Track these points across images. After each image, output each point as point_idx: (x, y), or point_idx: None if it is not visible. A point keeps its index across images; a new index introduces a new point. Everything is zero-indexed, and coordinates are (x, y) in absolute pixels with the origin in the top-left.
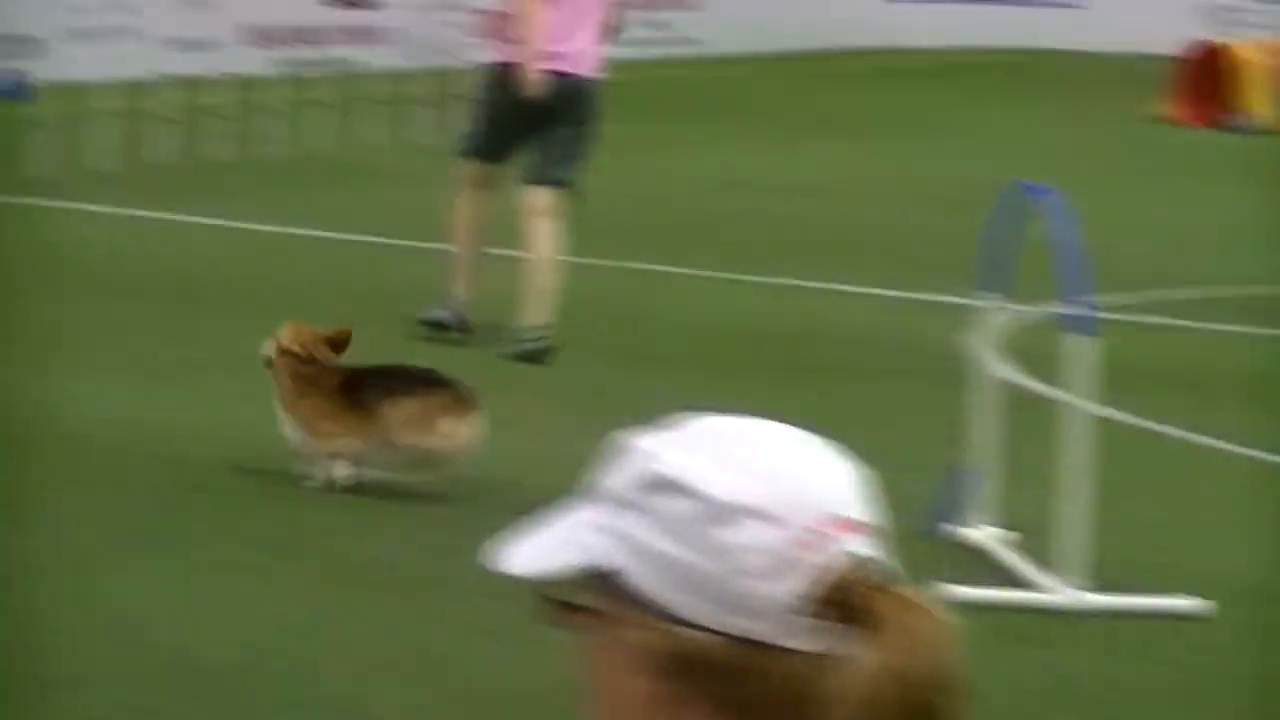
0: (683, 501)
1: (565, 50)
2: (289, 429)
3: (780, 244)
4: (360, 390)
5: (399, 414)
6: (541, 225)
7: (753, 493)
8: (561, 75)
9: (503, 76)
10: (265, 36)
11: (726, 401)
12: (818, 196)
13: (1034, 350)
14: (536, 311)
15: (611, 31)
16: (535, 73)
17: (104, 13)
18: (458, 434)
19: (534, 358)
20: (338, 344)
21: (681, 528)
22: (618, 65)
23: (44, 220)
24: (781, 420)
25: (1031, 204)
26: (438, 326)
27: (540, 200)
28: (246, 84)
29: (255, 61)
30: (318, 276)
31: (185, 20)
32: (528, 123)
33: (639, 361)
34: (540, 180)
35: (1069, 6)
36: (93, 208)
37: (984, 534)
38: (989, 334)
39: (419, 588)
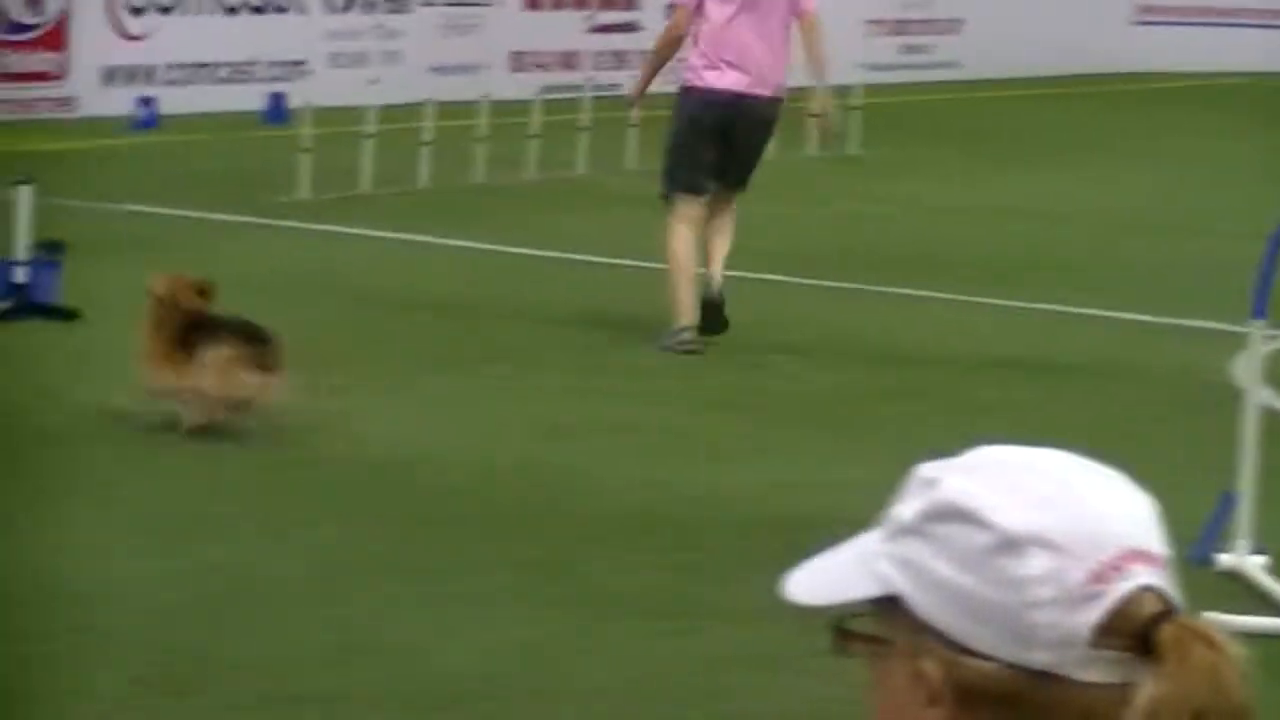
0: (973, 532)
1: (751, 73)
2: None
3: (1036, 269)
4: (194, 336)
5: (209, 361)
6: (725, 222)
7: (1044, 524)
8: (743, 97)
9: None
10: (528, 61)
11: (985, 428)
12: (1072, 221)
13: None
14: (718, 273)
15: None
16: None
17: (366, 37)
18: (254, 386)
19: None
20: (204, 291)
21: (971, 558)
22: (874, 89)
23: (303, 242)
24: (1048, 446)
25: None
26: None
27: (724, 203)
28: (507, 108)
29: (517, 86)
30: (575, 300)
31: (448, 46)
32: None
33: (892, 388)
34: (730, 187)
35: None
36: (351, 230)
37: (1251, 561)
38: (1256, 360)
39: (676, 613)
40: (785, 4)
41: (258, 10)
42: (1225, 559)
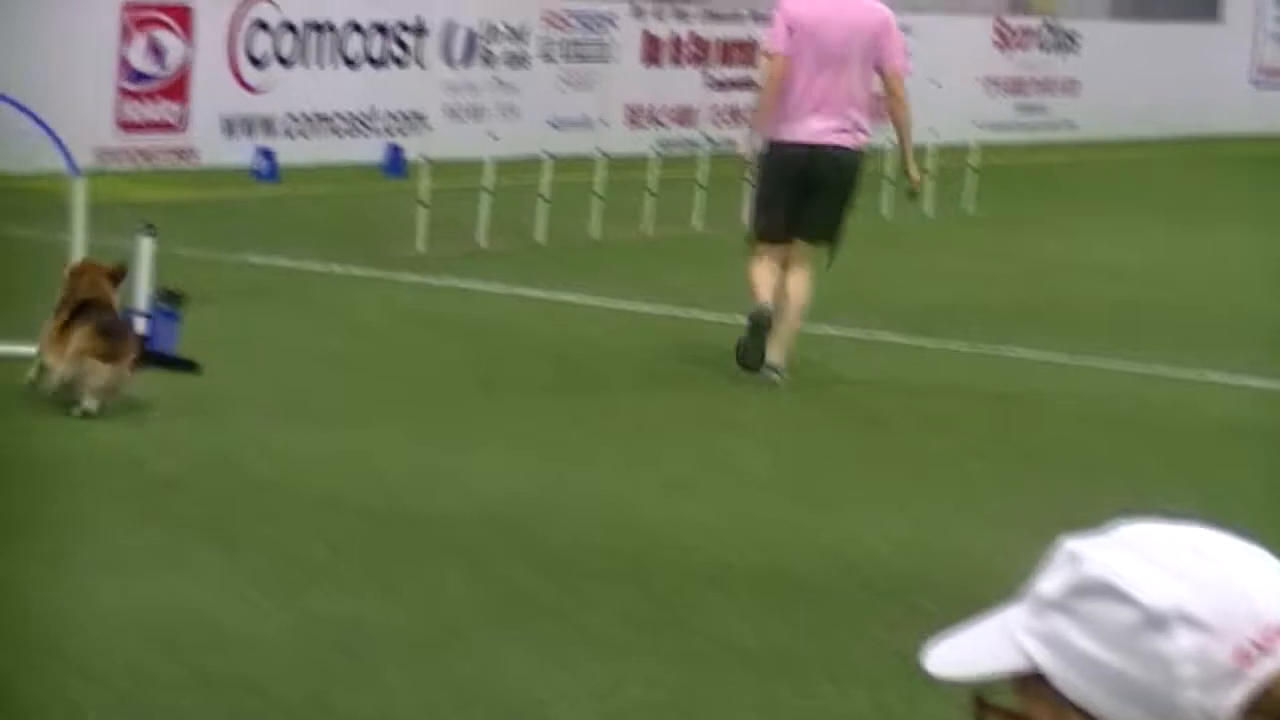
0: (1117, 608)
1: (829, 123)
2: None
3: (1154, 329)
4: (75, 320)
5: (71, 344)
6: (800, 277)
7: (1190, 601)
8: (822, 148)
9: (776, 154)
10: (644, 116)
11: (1102, 491)
12: (1188, 282)
13: None
14: (784, 350)
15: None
16: (795, 149)
17: (484, 91)
18: (99, 374)
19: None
20: (115, 276)
21: (1117, 635)
22: (990, 148)
23: (419, 295)
24: (1162, 513)
25: None
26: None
27: (800, 255)
28: (624, 163)
29: (634, 141)
30: (693, 355)
31: (566, 100)
32: (799, 192)
33: (1010, 449)
34: (809, 239)
35: None
36: (467, 284)
37: None
38: None
39: (796, 672)
40: (865, 58)
41: (377, 63)
42: None
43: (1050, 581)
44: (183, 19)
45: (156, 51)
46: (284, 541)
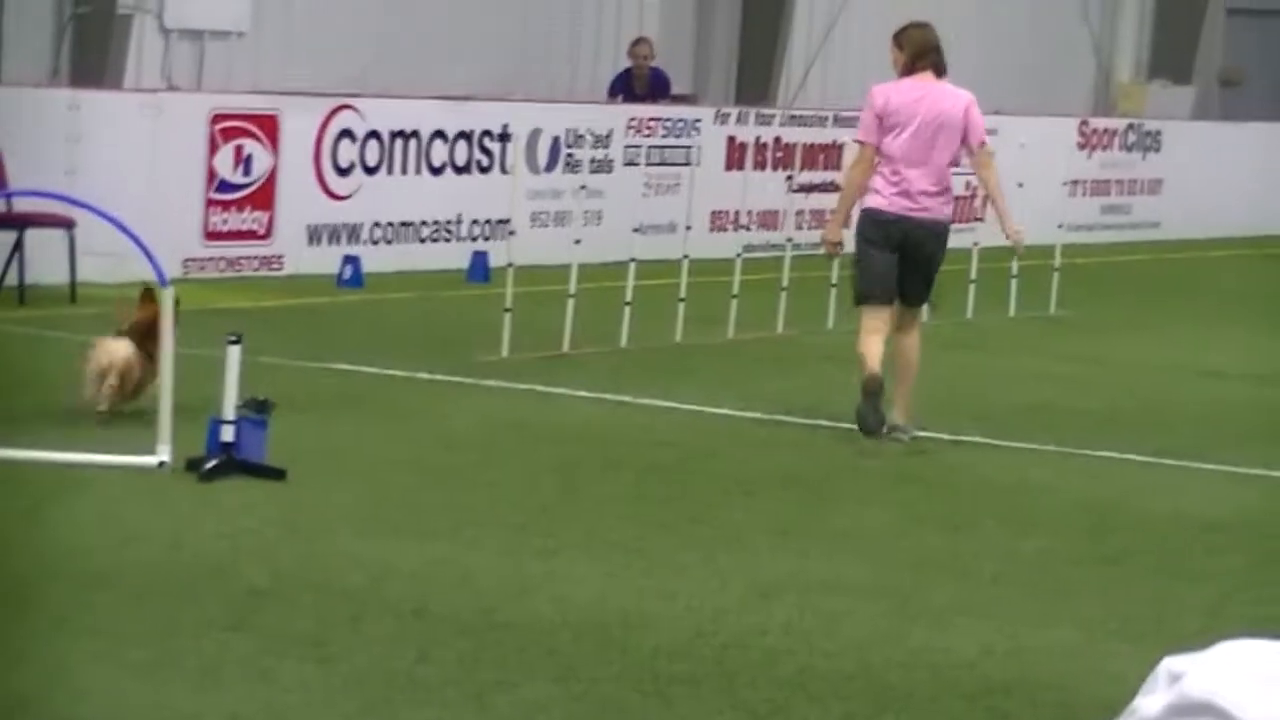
0: None
1: (918, 197)
2: None
3: (1243, 430)
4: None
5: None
6: (910, 339)
7: None
8: (906, 219)
9: (872, 222)
10: (728, 221)
11: (1191, 596)
12: (1275, 383)
13: None
14: (906, 410)
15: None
16: (892, 218)
17: (568, 197)
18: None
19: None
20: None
21: None
22: (1074, 249)
23: (505, 401)
24: (1252, 616)
25: None
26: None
27: (907, 318)
28: (707, 267)
29: (717, 246)
30: (778, 459)
31: (650, 205)
32: (898, 258)
33: (1096, 553)
34: (908, 302)
35: None
36: (553, 389)
37: None
38: None
39: None
40: (950, 136)
41: (461, 170)
42: None
43: (1151, 701)
44: (270, 128)
45: (244, 161)
46: (374, 652)
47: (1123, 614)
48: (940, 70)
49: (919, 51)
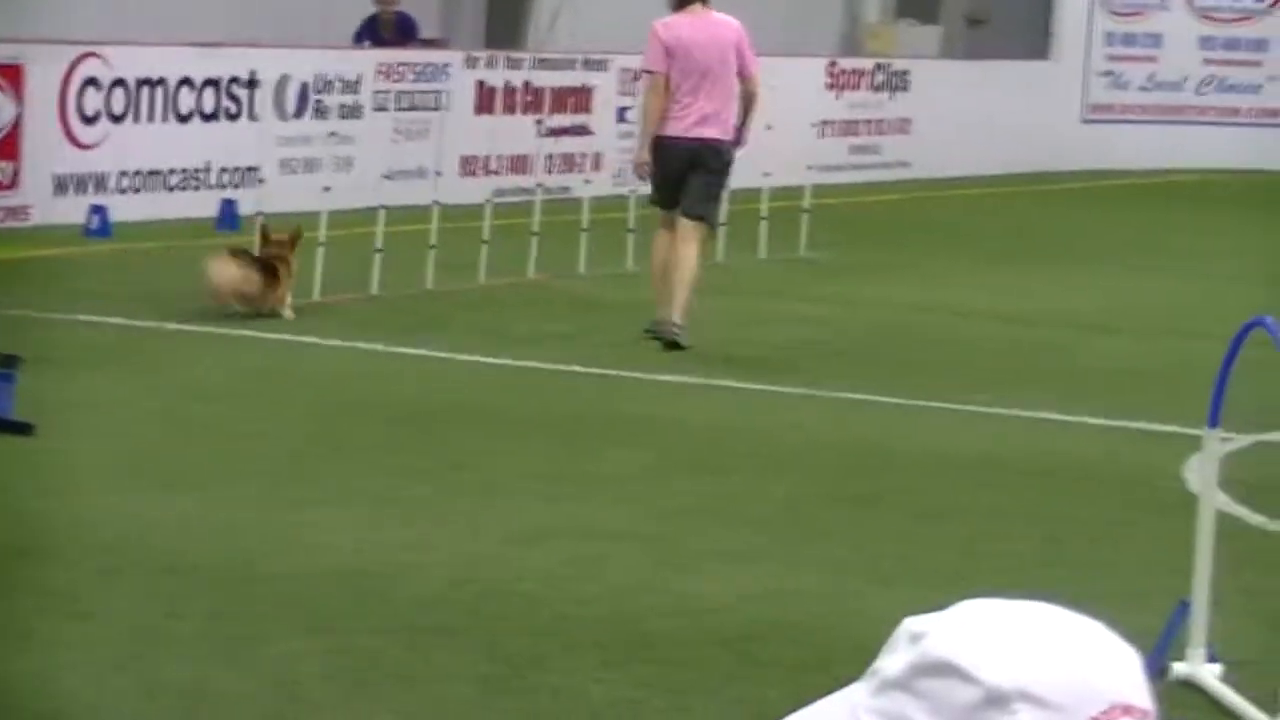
0: (960, 687)
1: (702, 122)
2: None
3: (991, 371)
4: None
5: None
6: (688, 248)
7: (1031, 679)
8: (700, 141)
9: (660, 146)
10: (479, 166)
11: (939, 535)
12: (1028, 323)
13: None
14: (679, 310)
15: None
16: (678, 141)
17: (317, 144)
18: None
19: (673, 346)
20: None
21: (958, 713)
22: (826, 190)
23: (258, 351)
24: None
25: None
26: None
27: (687, 229)
28: (458, 213)
29: (468, 191)
30: (532, 405)
31: (400, 151)
32: (680, 176)
33: (848, 494)
34: (688, 214)
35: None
36: (306, 339)
37: (1207, 669)
38: (1211, 465)
39: None
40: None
41: (209, 117)
42: (1181, 667)
43: (893, 660)
44: (14, 77)
45: None
46: (126, 607)
47: (875, 555)
48: (706, 1)
49: None
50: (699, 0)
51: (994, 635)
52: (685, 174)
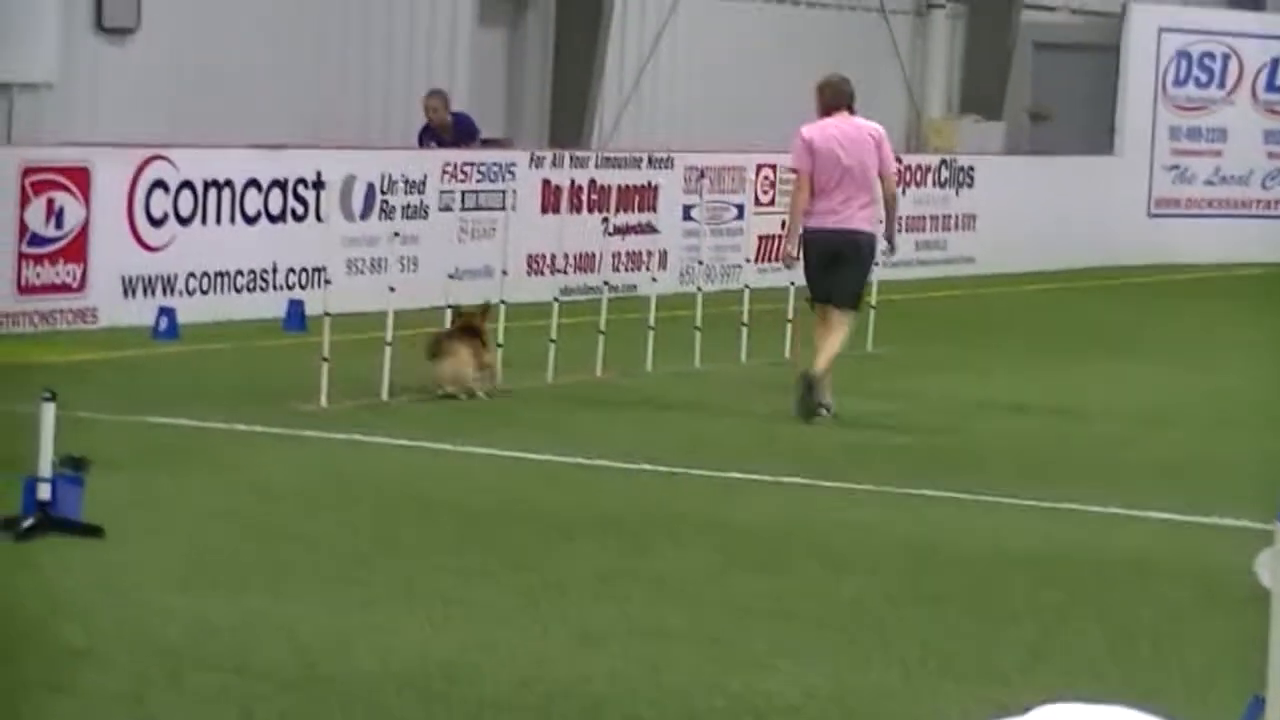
0: None
1: (844, 215)
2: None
3: (1057, 466)
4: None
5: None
6: (840, 333)
7: None
8: (840, 232)
9: (806, 240)
10: (545, 265)
11: (1010, 633)
12: (1092, 417)
13: None
14: (823, 363)
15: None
16: (818, 235)
17: (382, 245)
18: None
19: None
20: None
21: None
22: (892, 286)
23: (325, 451)
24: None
25: None
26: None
27: (837, 318)
28: (523, 311)
29: (534, 289)
30: (597, 505)
31: (466, 250)
32: (825, 265)
33: (916, 593)
34: (838, 306)
35: None
36: (373, 439)
37: None
38: None
39: None
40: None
41: (276, 218)
42: None
43: None
44: (81, 180)
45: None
46: (195, 710)
47: (943, 653)
48: (852, 109)
49: (834, 96)
50: (845, 108)
51: None
52: (830, 264)
